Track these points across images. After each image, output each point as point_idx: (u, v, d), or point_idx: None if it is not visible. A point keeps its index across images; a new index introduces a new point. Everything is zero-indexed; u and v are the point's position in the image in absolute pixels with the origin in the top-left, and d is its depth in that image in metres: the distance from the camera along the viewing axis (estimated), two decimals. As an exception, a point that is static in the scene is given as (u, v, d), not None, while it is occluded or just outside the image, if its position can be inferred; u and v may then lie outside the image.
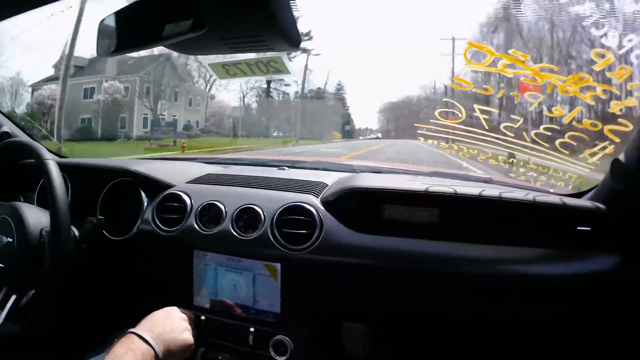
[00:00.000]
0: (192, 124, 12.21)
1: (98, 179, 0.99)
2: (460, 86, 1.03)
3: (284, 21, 0.38)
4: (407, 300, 0.81)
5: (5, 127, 1.14)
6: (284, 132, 13.20)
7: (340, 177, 0.95)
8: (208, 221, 0.86)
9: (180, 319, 0.73)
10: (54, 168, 0.79)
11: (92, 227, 0.86)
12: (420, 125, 1.00)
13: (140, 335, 0.64)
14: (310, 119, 13.76)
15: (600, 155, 0.81)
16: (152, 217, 0.89)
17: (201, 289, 0.83)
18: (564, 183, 0.86)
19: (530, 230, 0.76)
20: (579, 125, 0.84)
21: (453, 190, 0.78)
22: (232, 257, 0.82)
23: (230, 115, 12.62)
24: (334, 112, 14.11)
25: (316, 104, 13.97)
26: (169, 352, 0.66)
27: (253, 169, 1.12)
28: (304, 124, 13.47)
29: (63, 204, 0.77)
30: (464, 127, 0.97)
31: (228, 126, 12.64)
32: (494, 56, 0.87)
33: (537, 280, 0.73)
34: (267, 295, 0.79)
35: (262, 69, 0.79)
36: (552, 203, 0.76)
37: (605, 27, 0.81)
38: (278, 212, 0.82)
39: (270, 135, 13.05)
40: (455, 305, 0.80)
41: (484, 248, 0.75)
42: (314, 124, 13.62)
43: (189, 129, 11.84)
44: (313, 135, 12.73)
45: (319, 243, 0.78)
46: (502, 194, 0.77)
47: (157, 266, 0.90)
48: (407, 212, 0.81)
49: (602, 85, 0.83)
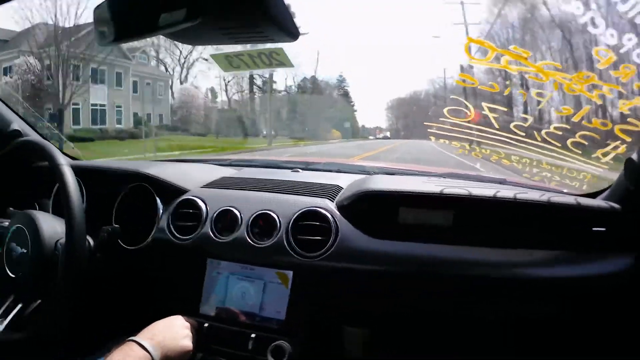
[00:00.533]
0: (144, 117, 9.55)
1: (112, 182, 0.98)
2: (465, 83, 1.03)
3: (279, 14, 0.38)
4: (417, 304, 0.81)
5: (15, 124, 1.09)
6: (268, 129, 11.45)
7: (355, 180, 0.95)
8: (223, 228, 0.85)
9: (181, 327, 0.73)
10: (70, 175, 0.78)
11: (108, 236, 0.85)
12: (430, 124, 1.01)
13: (139, 342, 0.64)
14: (302, 115, 12.11)
15: (613, 155, 0.82)
16: (167, 225, 0.88)
17: (209, 297, 0.82)
18: (579, 183, 0.87)
19: (545, 231, 0.77)
20: (588, 125, 0.85)
21: (468, 192, 0.79)
22: (245, 265, 0.81)
23: (203, 108, 10.40)
24: (331, 106, 12.50)
25: (308, 97, 12.26)
26: (167, 358, 0.66)
27: (267, 171, 1.11)
28: (293, 120, 11.81)
29: (79, 215, 0.75)
30: (475, 126, 0.98)
31: (199, 122, 10.60)
32: (495, 52, 0.88)
33: (553, 283, 0.74)
34: (274, 302, 0.79)
35: (264, 61, 0.79)
36: (567, 204, 0.76)
37: (603, 26, 0.81)
38: (294, 217, 0.82)
39: (250, 134, 11.33)
40: (468, 309, 0.80)
41: (498, 251, 0.76)
42: (307, 120, 12.04)
43: (139, 124, 9.23)
44: (305, 134, 11.26)
45: (334, 250, 0.78)
46: (517, 195, 0.77)
47: (168, 274, 0.89)
48: (422, 215, 0.81)
49: (608, 84, 0.84)
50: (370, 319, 0.88)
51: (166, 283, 0.89)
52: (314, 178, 0.98)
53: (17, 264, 0.79)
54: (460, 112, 0.95)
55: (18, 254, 0.80)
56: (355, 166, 1.22)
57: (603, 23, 0.79)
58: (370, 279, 0.78)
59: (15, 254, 0.80)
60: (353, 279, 0.78)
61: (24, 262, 0.79)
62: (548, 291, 0.74)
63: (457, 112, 0.96)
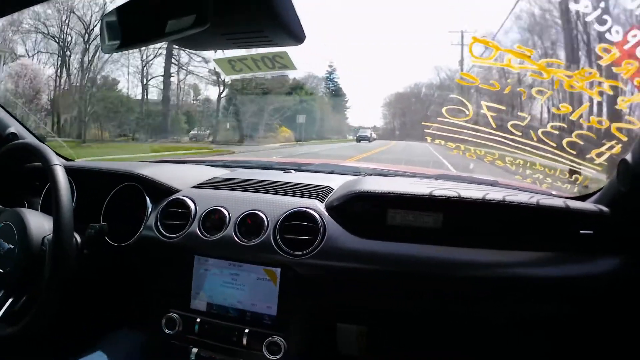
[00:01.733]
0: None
1: (104, 182, 0.99)
2: (466, 82, 1.02)
3: (286, 17, 0.38)
4: (406, 302, 0.81)
5: (12, 128, 1.12)
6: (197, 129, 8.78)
7: (346, 181, 0.95)
8: (211, 227, 0.86)
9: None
10: (62, 174, 0.79)
11: (95, 233, 0.86)
12: (427, 124, 1.00)
13: None
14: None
15: (607, 155, 0.81)
16: (155, 224, 0.89)
17: (199, 293, 0.84)
18: (570, 185, 0.86)
19: (534, 233, 0.77)
20: (586, 123, 0.84)
21: (457, 194, 0.79)
22: (233, 262, 0.83)
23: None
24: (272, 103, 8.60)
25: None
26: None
27: (260, 172, 1.12)
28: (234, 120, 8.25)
29: (67, 213, 0.76)
30: (471, 126, 0.97)
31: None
32: (499, 51, 0.87)
33: (539, 282, 0.74)
34: (264, 298, 0.80)
35: (267, 64, 0.79)
36: (555, 207, 0.76)
37: (609, 23, 0.80)
38: (282, 217, 0.82)
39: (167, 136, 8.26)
40: (457, 307, 0.80)
41: (487, 252, 0.76)
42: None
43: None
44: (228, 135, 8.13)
45: (321, 249, 0.78)
46: (506, 198, 0.77)
47: (156, 271, 0.90)
48: (410, 216, 0.81)
49: (609, 80, 0.83)
50: (363, 317, 0.89)
51: (154, 279, 0.90)
52: (305, 179, 0.98)
53: (5, 259, 0.81)
54: (459, 112, 0.95)
55: (5, 249, 0.81)
56: (348, 167, 1.22)
57: (609, 19, 0.78)
58: (358, 277, 0.79)
59: (2, 250, 0.81)
60: (341, 277, 0.79)
61: (11, 258, 0.80)
62: (535, 292, 0.75)
63: (455, 111, 0.95)
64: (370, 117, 18.25)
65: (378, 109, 13.87)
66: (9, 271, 0.80)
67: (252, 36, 0.42)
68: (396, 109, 11.20)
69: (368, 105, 20.78)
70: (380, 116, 13.10)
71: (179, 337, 0.82)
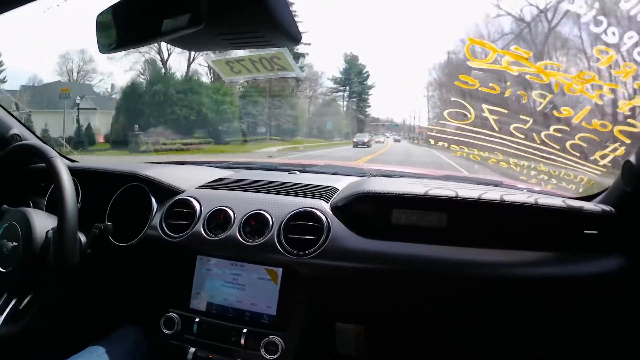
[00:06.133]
0: None
1: (109, 183, 0.99)
2: (466, 84, 1.03)
3: (281, 16, 0.38)
4: (409, 302, 0.81)
5: (16, 129, 1.13)
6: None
7: (351, 182, 0.95)
8: (216, 227, 0.86)
9: None
10: (65, 171, 0.79)
11: (99, 233, 0.86)
12: (430, 127, 1.01)
13: None
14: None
15: (611, 157, 0.81)
16: (159, 223, 0.89)
17: (199, 293, 0.84)
18: (575, 186, 0.87)
19: (539, 233, 0.77)
20: (588, 126, 0.85)
21: (461, 194, 0.79)
22: (235, 262, 0.82)
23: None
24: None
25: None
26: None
27: (265, 173, 1.12)
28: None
29: (71, 208, 0.76)
30: (474, 129, 0.97)
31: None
32: (496, 53, 0.87)
33: (544, 282, 0.74)
34: (265, 298, 0.80)
35: (266, 65, 0.79)
36: (558, 207, 0.76)
37: (605, 24, 0.80)
38: (287, 217, 0.83)
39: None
40: (460, 308, 0.80)
41: (491, 252, 0.76)
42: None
43: None
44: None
45: (325, 248, 0.78)
46: (510, 198, 0.77)
47: (158, 270, 0.90)
48: (415, 216, 0.81)
49: (608, 84, 0.83)
50: (362, 316, 0.89)
51: (156, 279, 0.90)
52: (310, 180, 0.98)
53: (8, 258, 0.80)
54: (461, 115, 0.95)
55: (9, 248, 0.81)
56: (352, 169, 1.22)
57: (605, 21, 0.79)
58: (361, 277, 0.78)
59: (6, 249, 0.81)
60: (344, 277, 0.79)
61: (15, 256, 0.80)
62: (540, 291, 0.75)
63: (457, 114, 0.95)
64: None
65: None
66: (12, 270, 0.79)
67: (247, 36, 0.42)
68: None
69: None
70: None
71: (177, 337, 0.82)
